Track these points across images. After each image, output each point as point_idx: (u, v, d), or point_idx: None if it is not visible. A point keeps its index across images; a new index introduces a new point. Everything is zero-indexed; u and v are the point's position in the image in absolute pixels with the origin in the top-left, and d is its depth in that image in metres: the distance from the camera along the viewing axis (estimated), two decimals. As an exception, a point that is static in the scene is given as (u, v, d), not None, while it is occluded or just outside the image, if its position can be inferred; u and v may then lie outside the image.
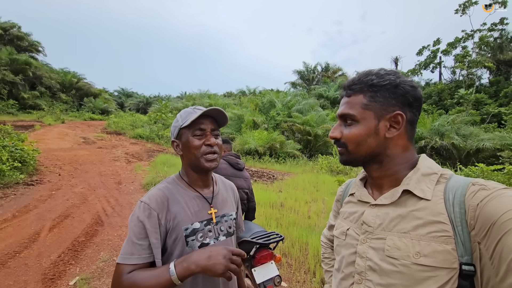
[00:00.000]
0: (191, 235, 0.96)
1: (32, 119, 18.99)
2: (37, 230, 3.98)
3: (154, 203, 0.93)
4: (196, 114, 0.96)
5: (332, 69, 29.97)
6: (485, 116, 17.33)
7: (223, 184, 1.20)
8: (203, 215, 1.01)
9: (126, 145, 13.82)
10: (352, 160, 0.74)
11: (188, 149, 0.99)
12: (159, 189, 0.99)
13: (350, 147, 0.72)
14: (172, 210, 0.96)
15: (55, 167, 8.01)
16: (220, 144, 1.04)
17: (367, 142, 0.71)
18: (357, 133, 0.71)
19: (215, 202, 1.07)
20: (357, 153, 0.72)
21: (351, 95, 0.73)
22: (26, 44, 26.51)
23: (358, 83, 0.72)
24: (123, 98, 42.32)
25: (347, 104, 0.73)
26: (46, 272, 2.98)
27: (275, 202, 5.92)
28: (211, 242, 1.00)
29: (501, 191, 0.56)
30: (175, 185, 1.03)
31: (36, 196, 5.51)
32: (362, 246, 0.71)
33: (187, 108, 1.03)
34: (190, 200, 1.01)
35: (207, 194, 1.06)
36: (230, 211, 1.13)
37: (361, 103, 0.71)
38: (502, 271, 0.50)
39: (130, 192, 6.35)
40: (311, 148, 15.56)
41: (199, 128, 0.98)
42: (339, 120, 0.76)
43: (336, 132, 0.75)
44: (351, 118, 0.72)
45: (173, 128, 1.04)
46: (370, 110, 0.70)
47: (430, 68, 26.60)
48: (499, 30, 22.51)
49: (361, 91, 0.71)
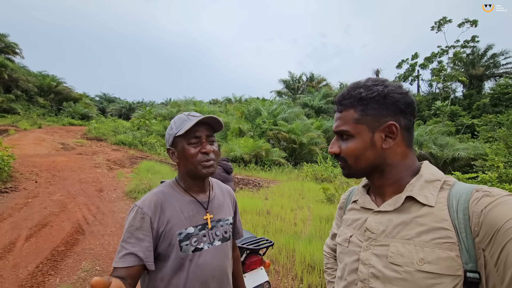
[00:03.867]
0: (184, 239, 0.96)
1: (6, 124, 18.05)
2: (12, 240, 3.77)
3: (147, 207, 0.94)
4: (191, 122, 0.95)
5: (317, 79, 30.64)
6: (460, 127, 18.29)
7: (220, 188, 1.20)
8: (197, 220, 1.01)
9: (107, 151, 13.40)
10: (354, 173, 0.75)
11: (185, 157, 0.99)
12: (154, 193, 1.00)
13: (350, 161, 0.73)
14: (166, 214, 0.96)
15: (31, 173, 7.64)
16: (217, 151, 1.04)
17: (365, 155, 0.71)
18: (354, 148, 0.71)
19: (211, 207, 1.07)
20: (358, 166, 0.73)
21: (343, 110, 0.74)
22: (2, 45, 25.35)
23: (348, 97, 0.73)
24: (104, 104, 41.17)
25: (340, 120, 0.74)
26: (23, 283, 2.83)
27: (262, 210, 5.92)
28: (206, 247, 1.01)
29: (505, 197, 0.56)
30: (170, 190, 1.03)
31: (10, 204, 5.22)
32: (365, 253, 0.70)
33: (181, 114, 1.02)
34: (185, 205, 1.01)
35: (202, 199, 1.07)
36: (227, 216, 1.13)
37: (353, 118, 0.71)
38: (508, 279, 0.49)
39: (112, 199, 6.15)
40: (296, 156, 15.75)
41: (195, 136, 0.98)
42: (336, 135, 0.77)
43: (335, 148, 0.75)
44: (345, 133, 0.73)
45: (167, 136, 1.03)
46: (362, 124, 0.71)
47: (409, 80, 27.88)
48: (471, 47, 24.04)
49: (351, 105, 0.72)
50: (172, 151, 1.03)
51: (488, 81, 24.07)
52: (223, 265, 1.05)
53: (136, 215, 0.92)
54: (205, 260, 0.99)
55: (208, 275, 0.99)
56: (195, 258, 0.98)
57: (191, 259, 0.97)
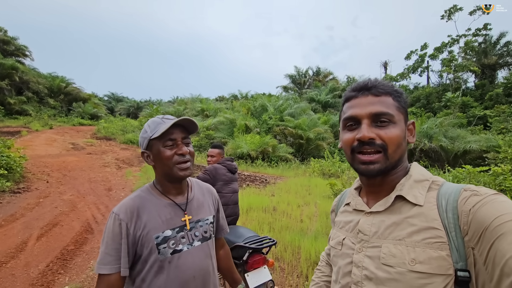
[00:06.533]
0: (162, 243, 0.98)
1: (19, 125, 18.53)
2: (24, 239, 3.88)
3: (124, 213, 0.96)
4: (166, 125, 0.97)
5: (323, 73, 30.30)
6: (471, 118, 17.79)
7: (200, 188, 1.21)
8: (175, 222, 1.03)
9: (116, 150, 13.63)
10: (388, 165, 0.67)
11: (160, 159, 1.00)
12: (131, 198, 1.02)
13: (391, 149, 0.66)
14: (142, 219, 0.98)
15: (43, 174, 7.84)
16: (192, 152, 1.05)
17: (402, 145, 0.68)
18: (397, 134, 0.66)
19: (189, 209, 1.09)
20: (394, 157, 0.67)
21: (381, 94, 0.68)
22: (13, 48, 25.93)
23: (382, 84, 0.69)
24: (113, 103, 41.76)
25: (381, 104, 0.67)
26: (34, 282, 2.91)
27: (268, 206, 5.92)
28: (185, 248, 1.03)
29: (492, 196, 0.56)
30: (148, 194, 1.05)
31: (23, 204, 5.37)
32: (358, 255, 0.70)
33: (155, 118, 1.03)
34: (162, 209, 1.03)
35: (180, 201, 1.08)
36: (206, 215, 1.14)
37: (394, 105, 0.68)
38: (496, 276, 0.50)
39: (120, 198, 6.26)
40: (303, 152, 15.66)
41: (170, 139, 0.99)
42: (366, 120, 0.67)
43: (372, 133, 0.66)
44: (388, 117, 0.66)
45: (141, 139, 1.04)
46: (401, 113, 0.69)
47: (418, 72, 27.19)
48: (483, 35, 23.25)
49: (389, 93, 0.69)
50: (147, 154, 1.03)
51: (501, 70, 23.23)
52: (205, 264, 1.08)
53: (114, 222, 0.95)
54: (185, 261, 1.02)
55: (188, 275, 1.02)
56: (174, 260, 1.00)
57: (170, 261, 0.99)
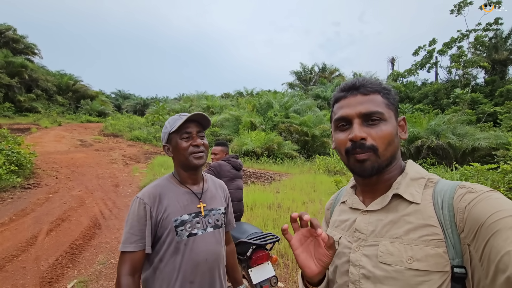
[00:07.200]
0: (180, 225, 1.11)
1: (29, 122, 18.87)
2: (34, 234, 3.98)
3: (147, 198, 1.09)
4: (182, 120, 1.11)
5: (329, 69, 30.02)
6: (481, 115, 17.48)
7: (213, 182, 1.34)
8: (192, 208, 1.16)
9: (123, 147, 13.79)
10: (380, 163, 0.67)
11: (178, 150, 1.15)
12: (153, 186, 1.15)
13: (381, 148, 0.66)
14: (163, 203, 1.11)
15: (52, 170, 7.99)
16: (206, 144, 1.19)
17: (394, 142, 0.68)
18: (389, 132, 0.66)
19: (204, 198, 1.22)
20: (386, 155, 0.67)
21: (370, 93, 0.69)
22: (22, 46, 26.37)
23: (370, 83, 0.70)
24: (120, 100, 42.23)
25: (370, 103, 0.68)
26: (44, 275, 2.99)
27: (273, 203, 5.94)
28: (199, 233, 1.15)
29: (487, 193, 0.57)
30: (168, 182, 1.19)
31: (33, 199, 5.50)
32: (355, 254, 0.69)
33: (174, 115, 1.19)
34: (180, 196, 1.16)
35: (196, 190, 1.21)
36: (219, 206, 1.27)
37: (383, 102, 0.68)
38: (491, 272, 0.50)
39: (127, 194, 6.35)
40: (308, 149, 15.61)
41: (186, 132, 1.14)
42: (357, 119, 0.68)
43: (363, 132, 0.66)
44: (378, 116, 0.67)
45: (163, 134, 1.19)
46: (391, 110, 0.69)
47: (426, 68, 26.78)
48: (494, 30, 22.71)
49: (377, 91, 0.69)
50: (167, 147, 1.20)
51: (512, 66, 22.78)
52: (216, 249, 1.19)
53: (139, 205, 1.08)
54: (198, 244, 1.13)
55: (201, 257, 1.13)
56: (190, 242, 1.11)
57: (186, 243, 1.11)
